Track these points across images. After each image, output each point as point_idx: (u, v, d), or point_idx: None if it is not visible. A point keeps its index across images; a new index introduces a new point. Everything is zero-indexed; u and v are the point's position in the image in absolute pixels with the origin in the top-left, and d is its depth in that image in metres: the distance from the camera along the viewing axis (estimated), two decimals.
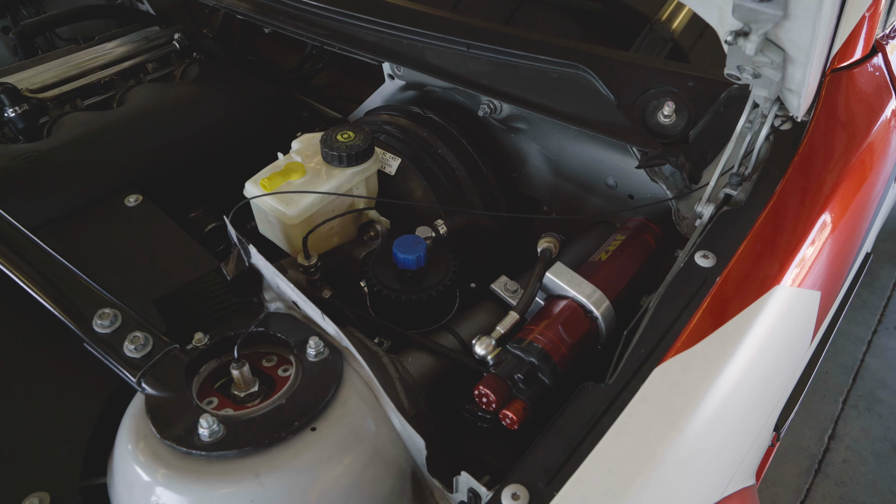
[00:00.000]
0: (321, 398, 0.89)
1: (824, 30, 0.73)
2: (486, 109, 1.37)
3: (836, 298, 1.15)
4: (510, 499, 0.75)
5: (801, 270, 1.01)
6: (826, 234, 1.08)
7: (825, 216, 1.09)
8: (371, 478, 0.87)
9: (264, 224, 1.24)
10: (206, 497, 0.80)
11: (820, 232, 1.07)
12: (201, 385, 0.96)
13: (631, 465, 0.77)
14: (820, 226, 1.07)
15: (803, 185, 1.10)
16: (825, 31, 0.73)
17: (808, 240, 1.04)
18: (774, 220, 1.04)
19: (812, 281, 1.03)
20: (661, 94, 1.20)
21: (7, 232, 1.12)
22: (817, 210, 1.08)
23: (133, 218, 1.29)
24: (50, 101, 1.63)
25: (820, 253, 1.07)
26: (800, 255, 1.02)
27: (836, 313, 1.25)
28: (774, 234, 1.03)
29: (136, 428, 0.88)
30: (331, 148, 1.19)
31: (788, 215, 1.06)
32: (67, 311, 0.99)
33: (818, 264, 1.05)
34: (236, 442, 0.83)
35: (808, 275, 1.02)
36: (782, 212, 1.06)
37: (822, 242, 1.07)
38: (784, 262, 1.00)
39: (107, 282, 1.04)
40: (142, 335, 0.96)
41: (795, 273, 1.00)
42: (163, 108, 1.51)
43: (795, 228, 1.04)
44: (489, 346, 0.96)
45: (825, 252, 1.08)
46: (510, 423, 0.89)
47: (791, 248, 1.02)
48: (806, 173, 1.11)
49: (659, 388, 0.83)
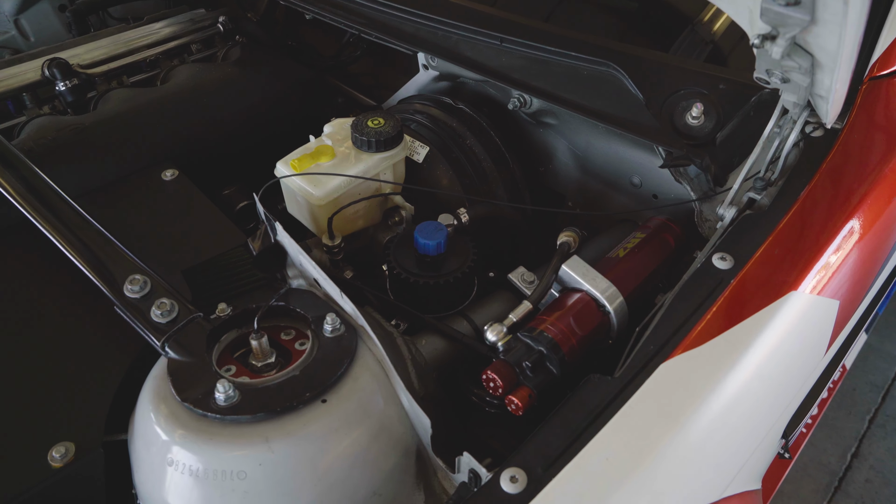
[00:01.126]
0: (333, 372, 0.92)
1: (852, 35, 0.73)
2: (516, 103, 1.39)
3: (858, 310, 1.13)
4: (508, 481, 0.77)
5: (820, 278, 1.00)
6: (850, 244, 1.07)
7: (851, 225, 1.07)
8: (376, 452, 0.90)
9: (293, 204, 1.28)
10: (217, 458, 0.84)
11: (844, 241, 1.06)
12: (221, 353, 1.00)
13: (628, 456, 0.78)
14: (844, 235, 1.06)
15: (830, 192, 1.09)
16: (853, 36, 0.73)
17: (831, 248, 1.03)
18: (796, 225, 1.03)
19: (831, 290, 1.02)
20: (691, 95, 1.20)
21: (51, 198, 1.17)
22: (843, 219, 1.06)
23: (168, 191, 1.34)
24: (98, 76, 1.70)
25: (843, 262, 1.05)
26: (820, 262, 1.01)
27: (857, 325, 1.23)
28: (795, 239, 1.02)
29: (158, 389, 0.93)
30: (361, 133, 1.22)
31: (812, 222, 1.05)
32: (101, 275, 1.04)
33: (839, 273, 1.04)
34: (250, 408, 0.87)
35: (828, 283, 1.01)
36: (805, 218, 1.05)
37: (845, 252, 1.06)
38: (803, 268, 0.99)
39: (139, 250, 1.09)
40: (168, 302, 1.00)
41: (814, 280, 1.00)
42: (202, 88, 1.56)
43: (818, 236, 1.03)
44: (500, 332, 0.98)
45: (848, 262, 1.06)
46: (515, 408, 0.91)
47: (811, 255, 1.01)
48: (834, 181, 1.10)
49: (663, 383, 0.84)
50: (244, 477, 0.83)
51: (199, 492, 0.84)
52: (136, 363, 1.04)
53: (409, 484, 0.95)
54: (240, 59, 1.73)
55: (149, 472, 0.90)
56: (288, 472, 0.84)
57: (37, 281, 1.17)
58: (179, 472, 0.86)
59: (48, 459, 0.92)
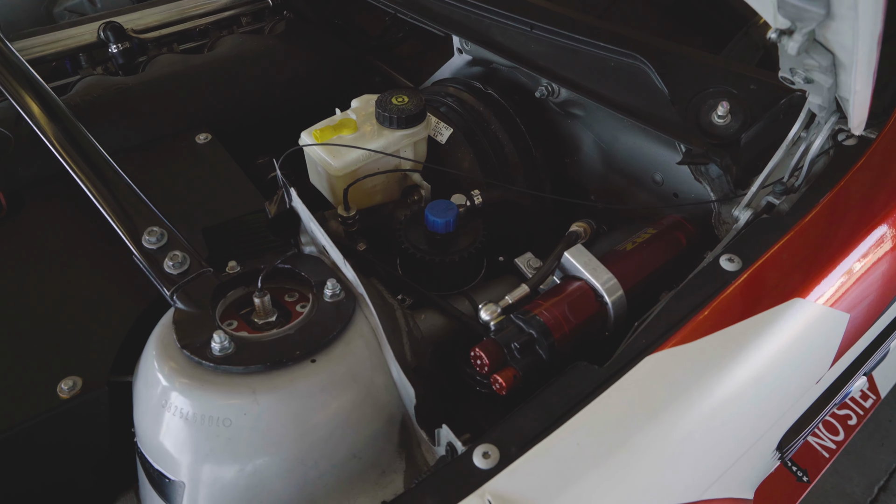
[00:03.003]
0: (326, 335, 0.94)
1: (868, 31, 0.70)
2: (544, 91, 1.38)
3: (872, 327, 1.09)
4: (481, 457, 0.78)
5: (830, 289, 0.97)
6: (869, 259, 1.03)
7: (872, 239, 1.03)
8: (359, 416, 0.93)
9: (314, 174, 1.31)
10: (206, 404, 0.88)
11: (862, 254, 1.02)
12: (226, 308, 1.04)
13: (600, 443, 0.78)
14: (862, 247, 1.02)
15: (853, 203, 1.05)
16: (869, 32, 0.70)
17: (846, 260, 1.00)
18: (811, 233, 1.00)
19: (842, 302, 0.98)
20: (719, 94, 1.18)
21: (88, 150, 1.24)
22: (863, 231, 1.03)
23: (200, 154, 1.40)
24: (150, 41, 1.78)
25: (859, 277, 1.02)
26: (832, 273, 0.98)
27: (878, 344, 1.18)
28: (808, 247, 0.99)
29: (162, 336, 0.98)
30: (384, 109, 1.24)
31: (828, 231, 1.02)
32: (124, 225, 1.10)
33: (853, 287, 1.00)
34: (242, 360, 0.90)
35: (838, 295, 0.98)
36: (822, 226, 1.02)
37: (863, 266, 1.02)
38: (812, 276, 0.96)
39: (164, 206, 1.14)
40: (181, 255, 1.05)
41: (823, 290, 0.97)
42: (243, 58, 1.61)
43: (833, 246, 1.00)
44: (494, 312, 0.99)
45: (866, 277, 1.02)
46: (499, 388, 0.92)
47: (822, 265, 0.98)
48: (858, 192, 1.06)
49: (646, 375, 0.84)
50: (229, 424, 0.87)
51: (188, 434, 0.88)
52: (149, 311, 1.09)
53: (390, 451, 0.97)
54: (283, 34, 1.78)
55: (146, 413, 0.94)
56: (270, 425, 0.87)
57: (69, 227, 1.24)
58: (172, 414, 0.90)
59: (57, 391, 0.98)
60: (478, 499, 0.74)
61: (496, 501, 0.73)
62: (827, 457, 2.05)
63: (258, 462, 0.88)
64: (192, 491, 0.89)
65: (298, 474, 0.89)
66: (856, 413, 2.16)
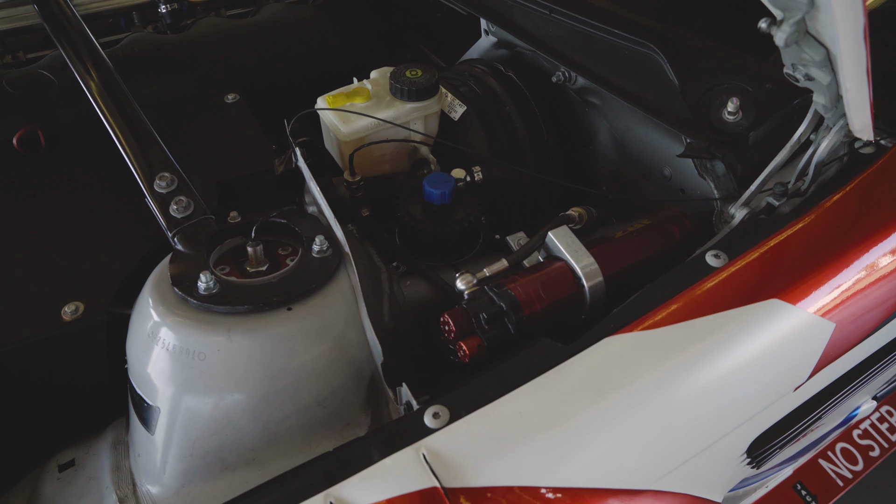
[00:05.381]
0: (306, 286, 0.99)
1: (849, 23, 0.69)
2: (561, 77, 1.38)
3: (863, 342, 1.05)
4: (431, 416, 0.81)
5: (815, 295, 0.95)
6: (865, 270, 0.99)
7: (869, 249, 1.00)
8: (328, 367, 0.97)
9: (327, 138, 1.36)
10: (186, 337, 0.93)
11: (857, 264, 0.98)
12: (223, 255, 1.10)
13: (542, 415, 0.80)
14: (859, 258, 0.99)
15: (855, 212, 1.02)
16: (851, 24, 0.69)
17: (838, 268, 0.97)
18: (803, 237, 0.98)
19: (827, 310, 0.96)
20: (733, 90, 1.16)
21: (122, 100, 1.32)
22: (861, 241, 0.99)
23: (226, 112, 1.47)
24: (200, 5, 1.86)
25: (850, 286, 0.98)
26: (820, 279, 0.95)
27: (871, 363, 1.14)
28: (798, 251, 0.97)
29: (160, 273, 1.04)
30: (396, 80, 1.28)
31: (823, 238, 0.99)
32: (140, 168, 1.17)
33: (842, 297, 0.97)
34: (223, 301, 0.95)
35: (824, 302, 0.95)
36: (817, 232, 0.99)
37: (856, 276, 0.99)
38: (796, 279, 0.94)
39: (184, 156, 1.21)
40: (186, 200, 1.11)
41: (807, 295, 0.94)
42: (280, 27, 1.67)
43: (824, 252, 0.97)
44: (469, 282, 1.01)
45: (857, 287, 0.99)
46: (463, 355, 0.94)
47: (810, 270, 0.95)
48: (862, 201, 1.03)
49: (602, 356, 0.84)
50: (204, 358, 0.92)
51: (168, 365, 0.94)
52: (155, 252, 1.16)
53: (356, 405, 1.01)
54: (323, 5, 1.83)
55: (137, 342, 1.01)
56: (241, 363, 0.92)
57: (96, 170, 1.33)
58: (158, 345, 0.96)
59: (61, 313, 1.06)
60: (414, 452, 0.77)
61: (430, 456, 0.76)
62: (841, 485, 1.98)
63: (227, 397, 0.93)
64: (166, 416, 0.95)
65: (263, 413, 0.94)
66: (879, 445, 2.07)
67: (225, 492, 0.93)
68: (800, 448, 1.48)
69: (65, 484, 1.07)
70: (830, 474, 2.03)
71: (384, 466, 0.76)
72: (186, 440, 0.94)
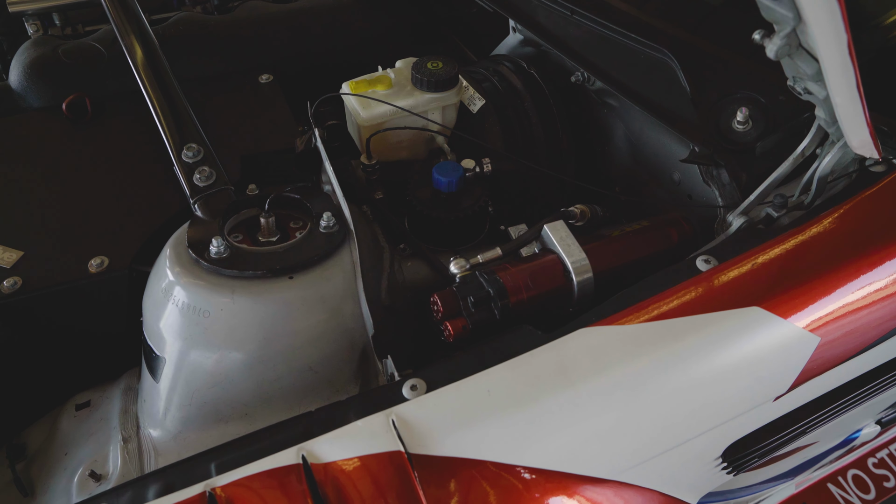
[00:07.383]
0: (310, 259, 1.05)
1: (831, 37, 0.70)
2: (580, 77, 1.41)
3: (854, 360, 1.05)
4: (409, 388, 0.86)
5: (801, 307, 0.95)
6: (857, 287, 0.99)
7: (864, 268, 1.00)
8: (322, 334, 1.03)
9: (349, 122, 1.42)
10: (193, 295, 1.01)
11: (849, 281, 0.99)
12: (238, 223, 1.17)
13: (509, 395, 0.84)
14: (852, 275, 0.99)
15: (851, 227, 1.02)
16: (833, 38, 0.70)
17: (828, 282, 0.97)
18: (796, 249, 0.99)
19: (812, 323, 0.96)
20: (744, 100, 1.16)
21: (162, 73, 1.41)
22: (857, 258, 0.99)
23: (259, 92, 1.55)
24: None
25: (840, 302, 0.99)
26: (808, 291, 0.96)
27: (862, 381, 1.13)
28: (788, 262, 0.98)
29: (179, 236, 1.12)
30: (417, 71, 1.33)
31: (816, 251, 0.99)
32: (171, 138, 1.26)
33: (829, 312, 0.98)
34: (231, 265, 1.03)
35: (809, 315, 0.96)
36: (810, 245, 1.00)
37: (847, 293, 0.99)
38: (782, 289, 0.95)
39: (214, 130, 1.28)
40: (209, 170, 1.19)
41: (792, 306, 0.95)
42: (318, 13, 1.74)
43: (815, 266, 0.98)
44: (462, 266, 1.05)
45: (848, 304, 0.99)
46: (448, 334, 0.99)
47: (799, 281, 0.96)
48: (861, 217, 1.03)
49: (575, 345, 0.88)
50: (208, 316, 1.00)
51: (176, 320, 1.02)
52: (177, 216, 1.24)
53: (346, 373, 1.07)
54: None
55: (152, 297, 1.09)
56: (241, 323, 1.00)
57: (134, 138, 1.42)
58: (170, 302, 1.04)
59: (88, 265, 1.15)
60: (384, 417, 0.82)
61: (398, 422, 0.81)
62: None
63: (225, 353, 1.00)
64: (171, 367, 1.03)
65: (258, 372, 1.01)
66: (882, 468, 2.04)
67: (217, 440, 0.99)
68: (795, 464, 1.47)
69: (80, 422, 1.16)
70: (839, 500, 2.00)
71: (355, 427, 0.81)
72: (187, 390, 1.02)
